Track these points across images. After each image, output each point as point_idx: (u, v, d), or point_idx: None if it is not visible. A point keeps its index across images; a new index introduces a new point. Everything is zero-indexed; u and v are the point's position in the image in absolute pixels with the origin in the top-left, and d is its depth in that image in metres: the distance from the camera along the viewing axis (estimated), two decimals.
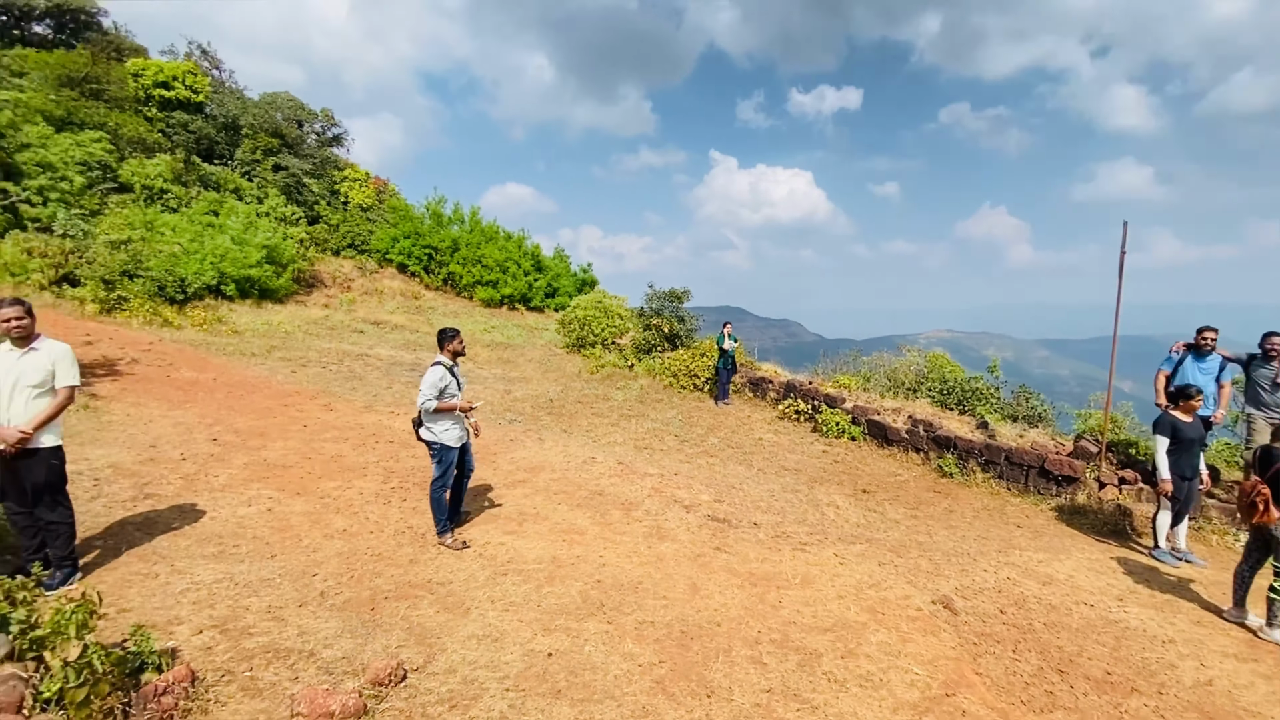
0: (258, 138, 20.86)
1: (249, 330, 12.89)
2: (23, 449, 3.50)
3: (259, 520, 5.04)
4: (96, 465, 5.69)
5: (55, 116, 15.82)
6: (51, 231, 12.90)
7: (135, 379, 8.67)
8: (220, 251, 14.02)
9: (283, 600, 3.89)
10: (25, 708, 2.41)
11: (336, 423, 8.04)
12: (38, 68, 18.29)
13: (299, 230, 18.31)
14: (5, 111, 14.20)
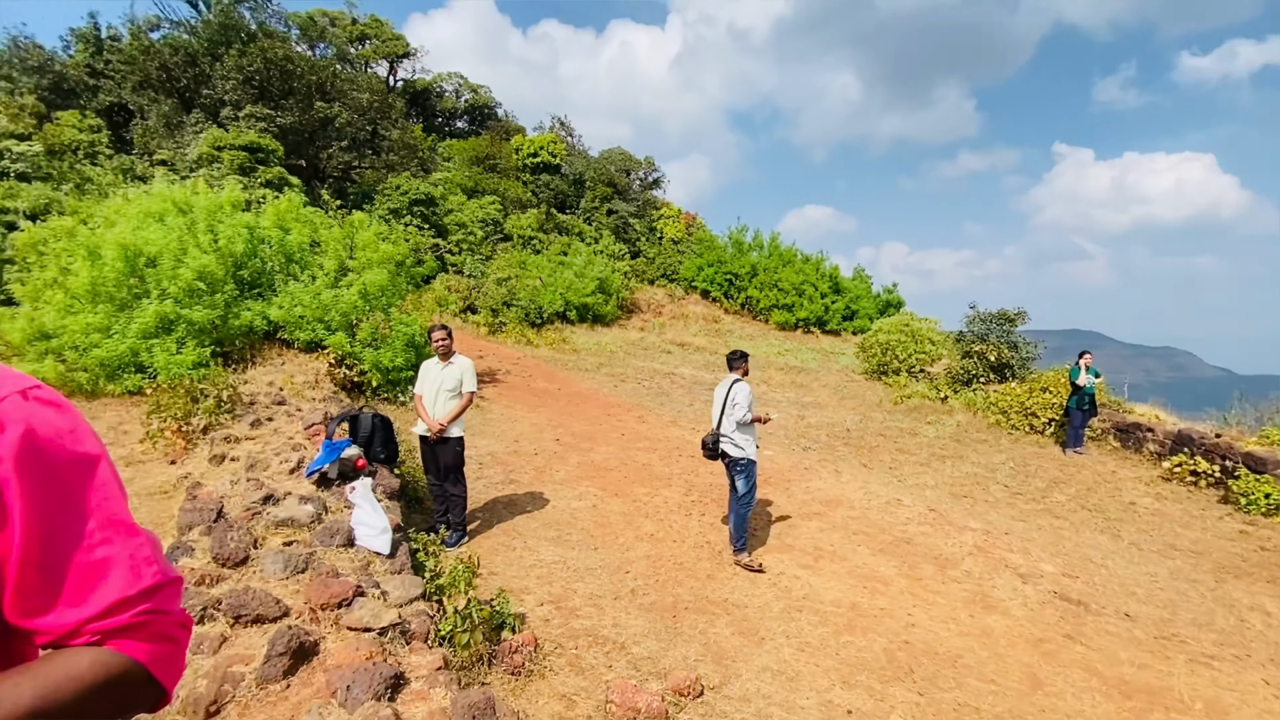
0: (596, 188, 24.79)
1: (584, 349, 15.24)
2: (441, 436, 4.67)
3: (586, 514, 5.81)
4: (480, 453, 7.29)
5: (467, 187, 21.28)
6: (462, 273, 17.29)
7: (507, 386, 10.96)
8: (566, 284, 16.97)
9: (601, 590, 4.38)
10: (429, 638, 3.14)
11: (648, 434, 8.88)
12: (458, 153, 24.90)
13: (624, 264, 21.09)
14: (439, 187, 19.64)
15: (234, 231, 7.68)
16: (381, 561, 3.48)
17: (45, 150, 14.13)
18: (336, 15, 27.61)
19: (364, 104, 19.36)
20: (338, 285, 8.08)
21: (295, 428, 5.29)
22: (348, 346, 7.46)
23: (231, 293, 7.41)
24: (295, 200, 9.44)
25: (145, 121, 16.77)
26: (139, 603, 0.65)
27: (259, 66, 17.09)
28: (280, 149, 16.17)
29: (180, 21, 20.09)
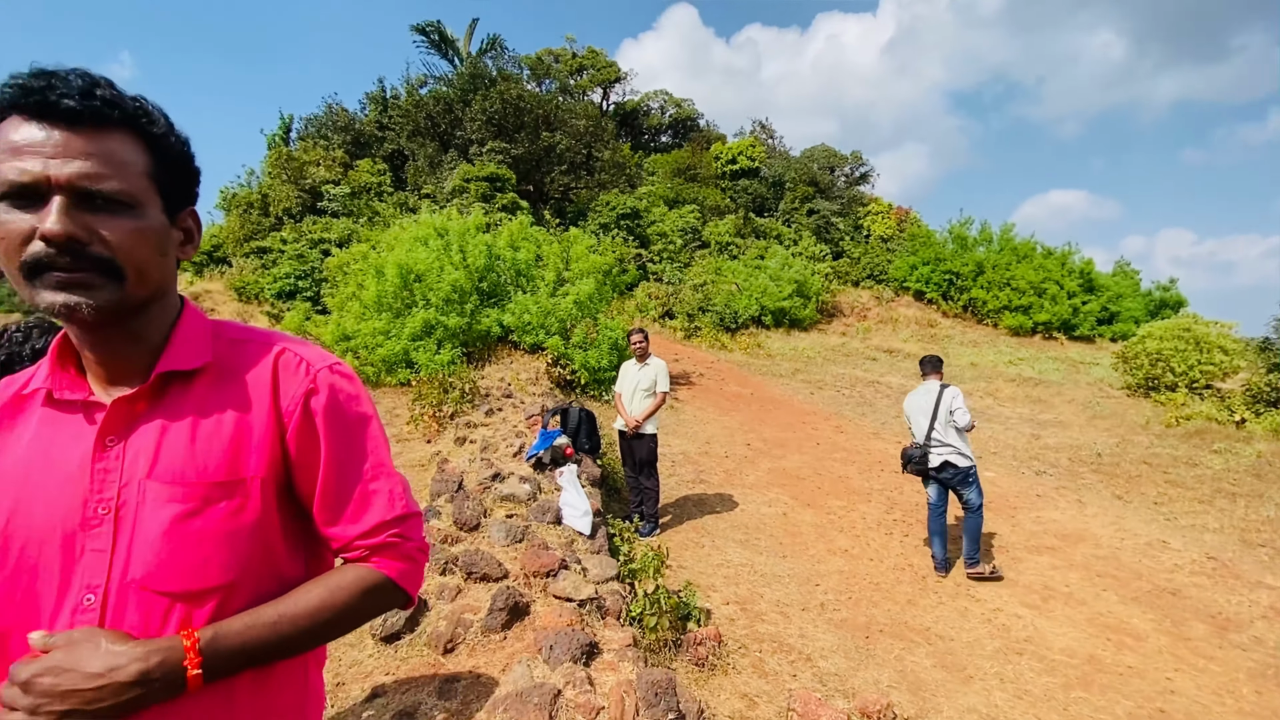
0: (797, 189, 24.18)
1: (779, 354, 14.98)
2: (637, 432, 5.00)
3: (775, 522, 5.74)
4: (673, 451, 7.60)
5: (668, 199, 22.23)
6: (661, 280, 18.12)
7: (700, 389, 11.24)
8: (761, 288, 16.83)
9: (789, 599, 4.31)
10: (621, 616, 3.39)
11: (845, 444, 8.45)
12: (661, 166, 26.12)
13: (824, 266, 20.26)
14: (643, 201, 20.81)
15: (477, 250, 9.04)
16: (583, 541, 3.85)
17: (349, 192, 18.00)
18: (560, 52, 30.80)
19: (580, 130, 21.32)
20: (555, 294, 9.05)
21: (518, 417, 6.06)
22: (562, 348, 8.32)
23: (475, 302, 8.73)
24: (524, 221, 10.79)
25: (415, 163, 20.44)
26: (392, 526, 0.85)
27: (498, 107, 19.82)
28: (513, 177, 18.56)
29: (441, 76, 24.15)
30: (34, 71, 0.67)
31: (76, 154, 0.68)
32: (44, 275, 0.68)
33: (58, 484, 0.74)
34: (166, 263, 0.77)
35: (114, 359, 0.77)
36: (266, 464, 0.79)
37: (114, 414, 0.75)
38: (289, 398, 0.81)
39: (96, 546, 0.72)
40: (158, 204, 0.75)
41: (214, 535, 0.75)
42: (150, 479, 0.74)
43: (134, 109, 0.72)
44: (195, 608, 0.74)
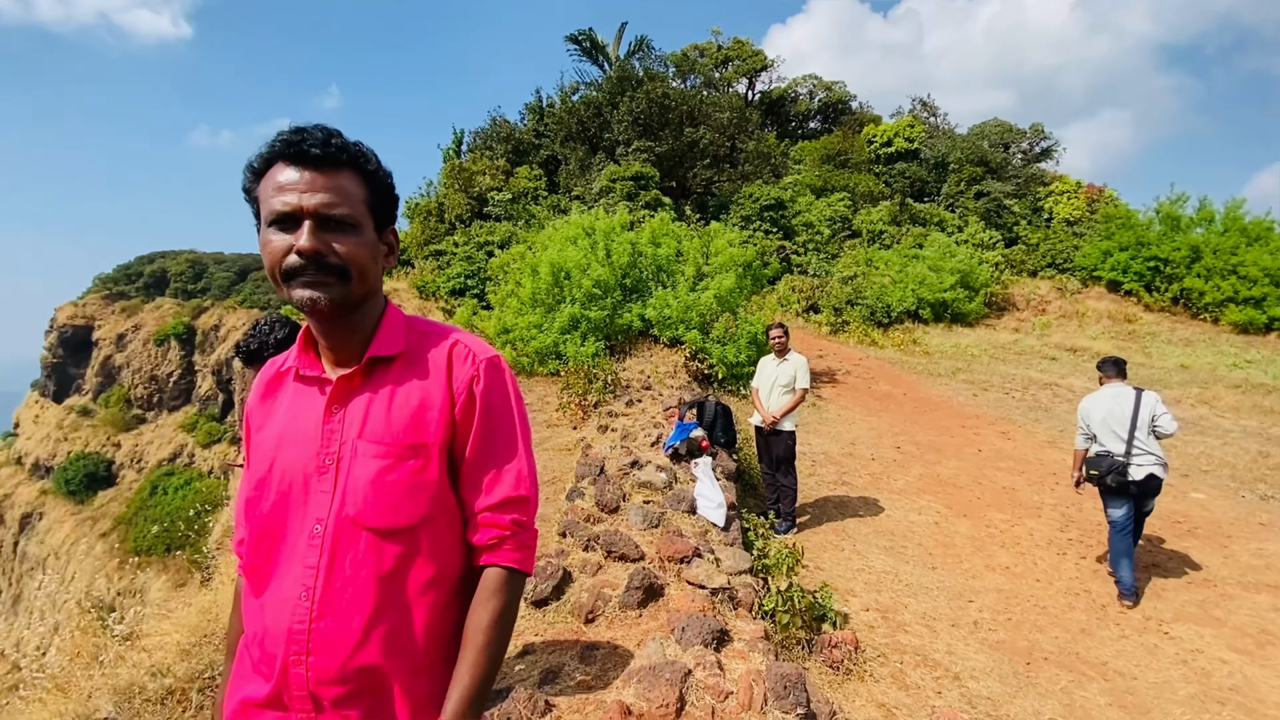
0: (963, 170, 22.03)
1: (937, 352, 13.83)
2: (774, 428, 4.95)
3: (925, 530, 5.38)
4: (814, 450, 7.38)
5: (816, 187, 21.35)
6: (806, 273, 17.50)
7: (846, 387, 10.75)
8: (919, 279, 15.61)
9: (937, 612, 4.04)
10: (753, 609, 3.41)
11: (1013, 453, 7.64)
12: (809, 154, 25.12)
13: (994, 254, 18.30)
14: (788, 191, 20.19)
15: (621, 248, 9.42)
16: (716, 532, 3.92)
17: (510, 197, 19.55)
18: (705, 46, 30.81)
19: (724, 123, 21.20)
20: (695, 289, 9.16)
21: (656, 409, 6.26)
22: (700, 343, 8.41)
23: (618, 297, 9.12)
24: (665, 218, 11.02)
25: (566, 166, 21.66)
26: (514, 509, 1.02)
27: (643, 107, 20.33)
28: (656, 174, 18.96)
29: (591, 81, 25.30)
30: (292, 129, 0.91)
31: (320, 189, 0.90)
32: (296, 278, 0.90)
33: (302, 439, 0.97)
34: (377, 269, 0.98)
35: (339, 345, 1.00)
36: (442, 433, 0.99)
37: (337, 388, 0.98)
38: (459, 382, 1.01)
39: (323, 488, 0.95)
40: (371, 224, 0.97)
41: (405, 486, 0.95)
42: (360, 439, 0.95)
43: (356, 153, 0.94)
44: (388, 541, 0.94)
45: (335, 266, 0.91)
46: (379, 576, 0.93)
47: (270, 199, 0.90)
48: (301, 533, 0.94)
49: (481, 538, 1.01)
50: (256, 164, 0.93)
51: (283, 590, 0.93)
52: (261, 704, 0.93)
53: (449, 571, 1.01)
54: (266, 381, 1.07)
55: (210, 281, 41.71)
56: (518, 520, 1.02)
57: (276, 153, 0.91)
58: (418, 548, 0.96)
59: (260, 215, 0.93)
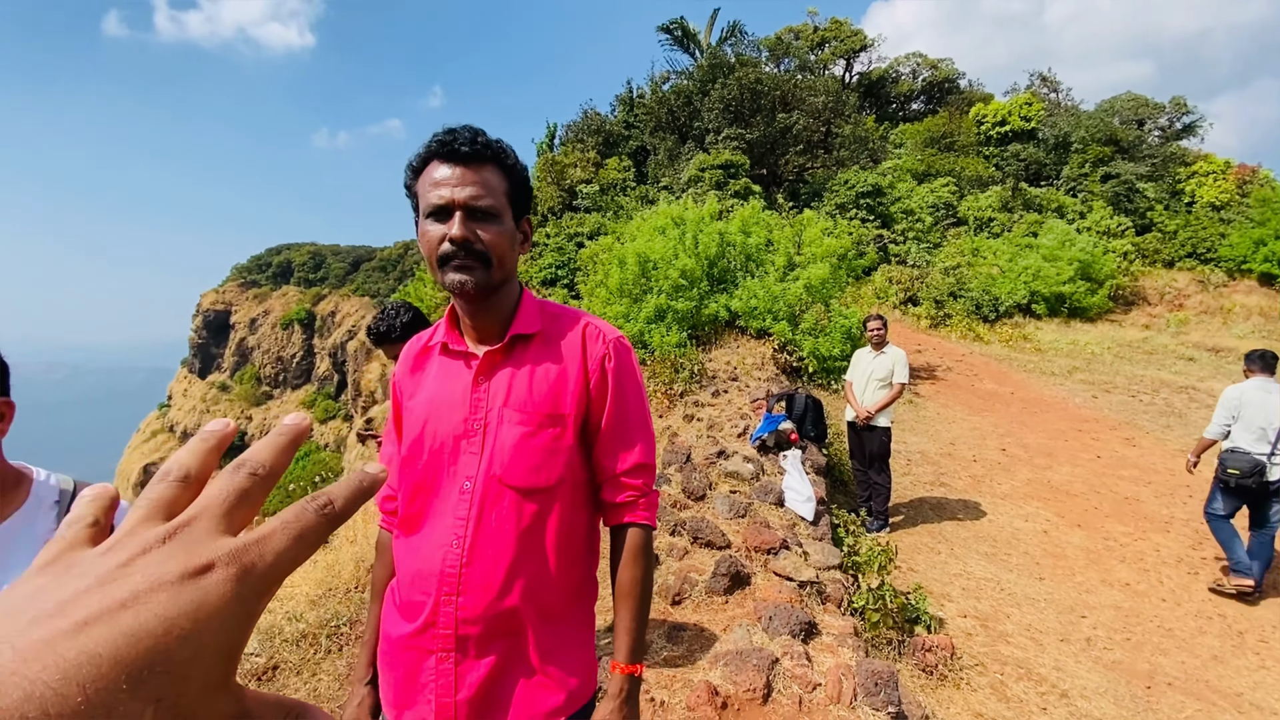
0: (1088, 150, 20.09)
1: (1051, 349, 12.77)
2: (868, 424, 4.79)
3: (1033, 539, 5.03)
4: (909, 449, 7.06)
5: (917, 172, 20.18)
6: (905, 263, 16.63)
7: (946, 384, 10.17)
8: (1032, 270, 14.44)
9: (1044, 626, 3.79)
10: (842, 606, 3.35)
11: (1138, 461, 6.97)
12: (910, 137, 23.76)
13: (1122, 243, 16.61)
14: (887, 177, 19.22)
15: (709, 238, 9.37)
16: (805, 526, 3.86)
17: (599, 189, 19.88)
18: (800, 28, 29.79)
19: (819, 107, 20.46)
20: (785, 279, 8.97)
21: (743, 400, 6.22)
22: (790, 334, 8.24)
23: (704, 288, 9.09)
24: (756, 206, 10.83)
25: (655, 156, 21.71)
26: (642, 474, 1.13)
27: (735, 94, 19.99)
28: (747, 162, 18.63)
29: (682, 71, 25.15)
30: (444, 130, 1.03)
31: (468, 183, 1.01)
32: (449, 263, 1.02)
33: (451, 406, 1.09)
34: (514, 256, 1.09)
35: (481, 324, 1.12)
36: (576, 405, 1.09)
37: (485, 362, 1.10)
38: (592, 359, 1.12)
39: (472, 450, 1.06)
40: (510, 214, 1.07)
41: (544, 451, 1.06)
42: (505, 407, 1.07)
43: (498, 149, 1.05)
44: (528, 499, 1.05)
45: (480, 253, 1.02)
46: (519, 530, 1.04)
47: (427, 193, 1.02)
48: (452, 488, 1.06)
49: (620, 496, 1.12)
50: (415, 163, 1.05)
51: (435, 538, 1.05)
52: (409, 639, 1.04)
53: (578, 529, 1.11)
54: (414, 356, 1.20)
55: (328, 271, 45.38)
56: (647, 484, 1.13)
57: (432, 152, 1.03)
58: (552, 506, 1.06)
59: (418, 209, 1.05)
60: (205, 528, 0.26)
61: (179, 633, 0.23)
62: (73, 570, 0.25)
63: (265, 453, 0.30)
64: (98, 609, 0.22)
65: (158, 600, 0.23)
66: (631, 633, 1.08)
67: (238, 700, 0.25)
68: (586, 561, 1.15)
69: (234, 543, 0.26)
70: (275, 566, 0.26)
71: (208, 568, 0.25)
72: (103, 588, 0.23)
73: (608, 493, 1.13)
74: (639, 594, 1.10)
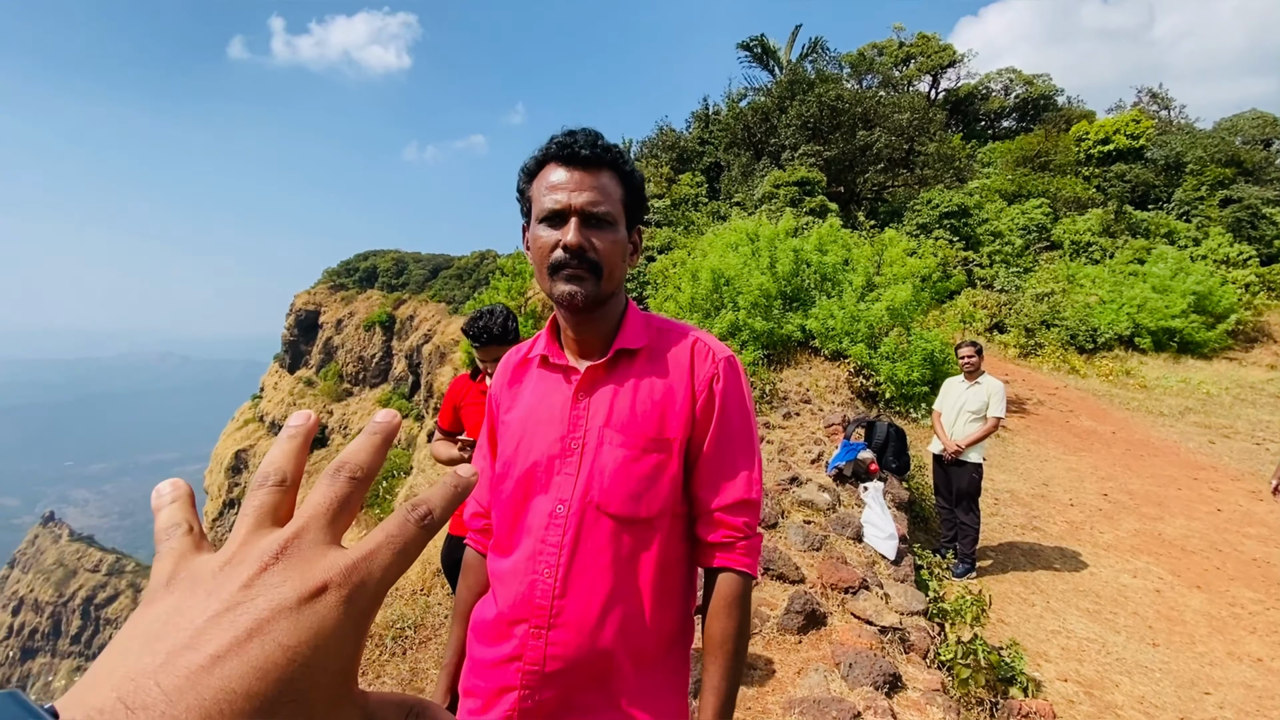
0: (1205, 172, 18.46)
1: (1159, 386, 11.68)
2: (957, 459, 4.46)
3: (1144, 598, 4.52)
4: (998, 487, 6.56)
5: (1007, 192, 19.12)
6: (992, 287, 15.71)
7: (1038, 419, 9.44)
8: (1138, 301, 13.30)
9: (1160, 700, 3.36)
10: (927, 657, 3.07)
11: (1266, 518, 6.19)
12: (1000, 155, 22.57)
13: (1244, 273, 15.07)
14: (974, 196, 18.29)
15: (784, 255, 9.13)
16: (885, 565, 3.60)
17: (670, 204, 19.91)
18: (885, 44, 29.04)
19: (902, 124, 19.78)
20: (863, 300, 8.61)
21: (817, 424, 5.95)
22: (867, 357, 7.88)
23: (779, 307, 8.85)
24: (833, 224, 10.51)
25: (729, 172, 21.56)
26: (743, 511, 1.00)
27: (813, 110, 19.64)
28: (823, 179, 18.20)
29: (760, 87, 24.97)
30: (565, 132, 0.97)
31: (586, 188, 0.95)
32: (560, 272, 0.95)
33: (548, 423, 1.02)
34: (625, 267, 1.01)
35: (585, 337, 1.04)
36: (682, 429, 0.99)
37: (586, 377, 1.02)
38: (700, 379, 1.01)
39: (568, 470, 0.98)
40: (624, 222, 1.00)
41: (647, 478, 0.97)
42: (606, 427, 0.98)
43: (616, 155, 0.98)
44: (626, 530, 0.96)
45: (592, 262, 0.95)
46: (616, 562, 0.95)
47: (542, 197, 0.96)
48: (544, 510, 0.98)
49: (716, 535, 1.01)
50: (530, 165, 1.00)
51: (526, 564, 0.97)
52: (491, 668, 0.97)
53: (676, 565, 1.02)
54: (512, 368, 1.13)
55: (409, 277, 47.62)
56: (749, 524, 1.02)
57: (550, 154, 0.97)
58: (652, 539, 0.97)
59: (529, 213, 1.00)
60: (313, 539, 0.27)
61: (302, 660, 0.24)
62: (198, 589, 0.26)
63: (362, 454, 0.30)
64: (229, 641, 0.23)
65: (280, 629, 0.24)
66: (720, 692, 0.97)
67: (360, 707, 0.26)
68: (684, 602, 1.04)
69: (344, 560, 0.27)
70: (383, 582, 0.27)
71: (322, 589, 0.25)
72: (230, 614, 0.24)
73: (703, 529, 1.02)
74: (731, 650, 0.98)
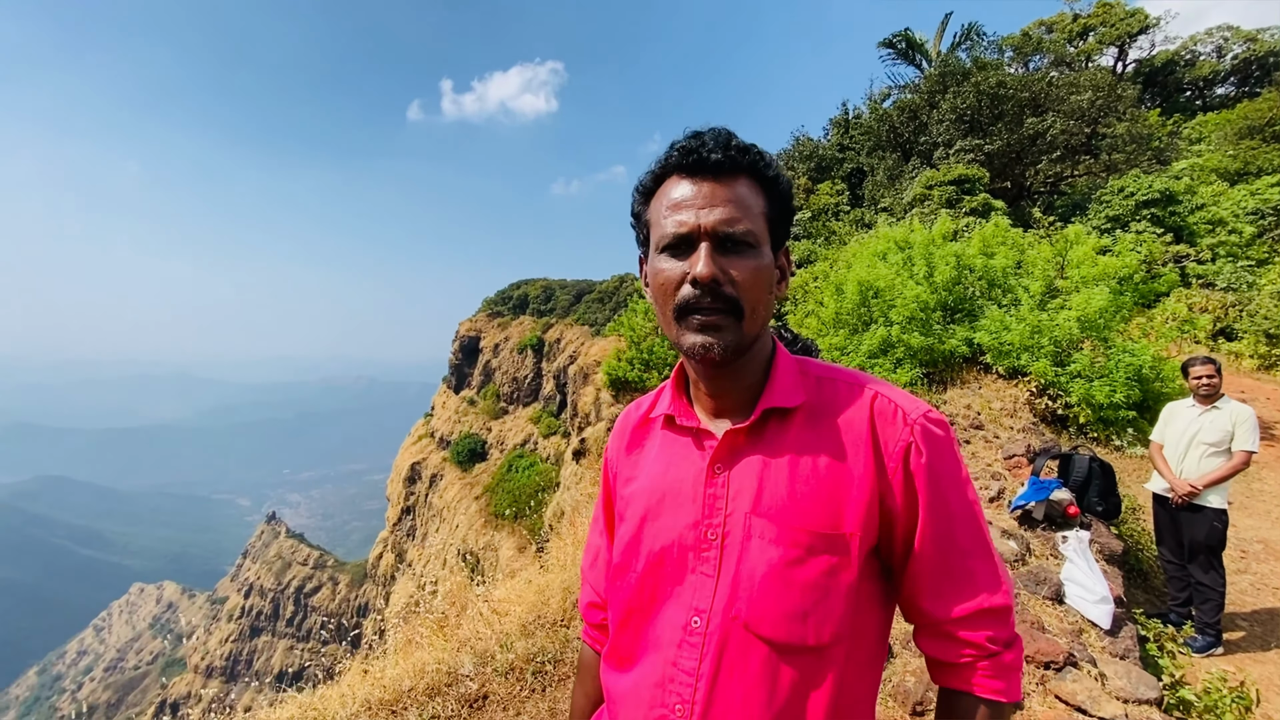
0: None
1: None
2: (1189, 502, 3.59)
3: None
4: (1243, 536, 5.27)
5: (1229, 171, 15.91)
6: (1212, 286, 13.05)
7: None
8: None
9: None
10: None
11: None
12: (1216, 128, 18.93)
13: None
14: (1182, 179, 15.42)
15: (943, 261, 8.24)
16: (1098, 635, 2.95)
17: (809, 215, 19.09)
18: (1054, 20, 25.90)
19: (1082, 106, 17.34)
20: (1043, 308, 7.49)
21: (993, 455, 5.19)
22: (1052, 375, 6.80)
23: (939, 319, 7.98)
24: (1001, 224, 9.34)
25: (873, 177, 20.26)
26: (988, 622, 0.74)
27: (970, 102, 17.88)
28: (985, 175, 16.42)
29: (906, 85, 23.32)
30: (688, 135, 0.76)
31: (719, 201, 0.73)
32: (689, 318, 0.74)
33: (679, 502, 0.80)
34: (770, 300, 0.77)
35: (723, 393, 0.81)
36: (863, 521, 0.74)
37: (725, 444, 0.79)
38: (889, 451, 0.75)
39: (705, 570, 0.76)
40: (768, 243, 0.77)
41: (815, 589, 0.72)
42: (754, 514, 0.75)
43: (755, 157, 0.76)
44: (787, 660, 0.72)
45: (730, 299, 0.73)
46: (773, 705, 0.72)
47: (663, 220, 0.75)
48: (675, 621, 0.77)
49: (954, 655, 0.77)
50: (647, 181, 0.79)
51: (653, 692, 0.77)
52: None
53: (862, 704, 0.76)
54: (632, 428, 0.93)
55: (556, 303, 50.57)
56: (997, 637, 0.76)
57: (672, 165, 0.77)
58: (825, 673, 0.73)
59: (648, 240, 0.80)
60: None
61: None
62: None
63: None
64: None
65: None
66: None
67: None
68: None
69: None
70: None
71: None
72: None
73: (931, 644, 0.78)
74: None
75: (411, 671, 2.53)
